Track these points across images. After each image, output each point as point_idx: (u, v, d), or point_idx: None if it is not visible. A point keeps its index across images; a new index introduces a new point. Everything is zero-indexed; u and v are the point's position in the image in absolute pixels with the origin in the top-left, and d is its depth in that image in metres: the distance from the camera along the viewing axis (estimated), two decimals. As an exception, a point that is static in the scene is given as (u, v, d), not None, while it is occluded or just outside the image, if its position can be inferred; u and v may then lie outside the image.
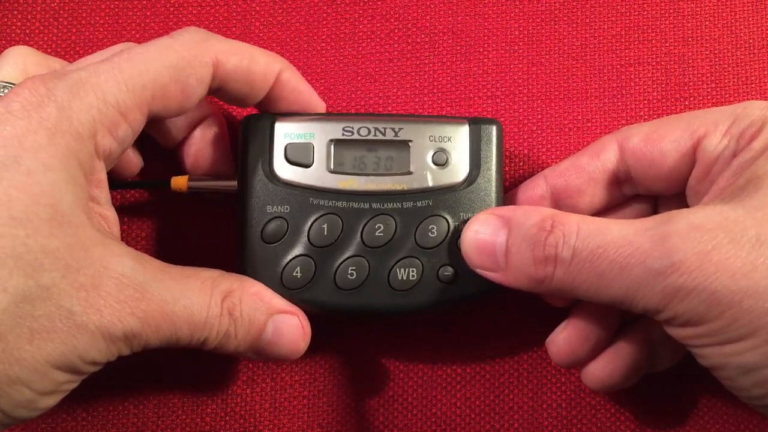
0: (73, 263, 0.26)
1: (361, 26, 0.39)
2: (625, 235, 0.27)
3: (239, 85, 0.31)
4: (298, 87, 0.33)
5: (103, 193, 0.30)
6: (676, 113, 0.38)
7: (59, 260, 0.25)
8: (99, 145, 0.28)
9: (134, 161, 0.35)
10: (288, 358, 0.31)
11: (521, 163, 0.38)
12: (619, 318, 0.33)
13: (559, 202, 0.33)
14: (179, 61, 0.29)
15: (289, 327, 0.31)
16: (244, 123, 0.33)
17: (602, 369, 0.32)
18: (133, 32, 0.39)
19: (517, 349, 0.37)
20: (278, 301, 0.31)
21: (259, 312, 0.30)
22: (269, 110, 0.34)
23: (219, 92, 0.32)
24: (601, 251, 0.27)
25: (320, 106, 0.34)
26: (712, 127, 0.30)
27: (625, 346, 0.32)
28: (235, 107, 0.37)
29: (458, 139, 0.33)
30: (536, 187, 0.33)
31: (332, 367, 0.36)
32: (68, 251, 0.26)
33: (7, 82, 0.32)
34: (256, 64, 0.31)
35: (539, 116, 0.38)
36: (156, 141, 0.35)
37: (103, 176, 0.29)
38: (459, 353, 0.37)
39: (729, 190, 0.28)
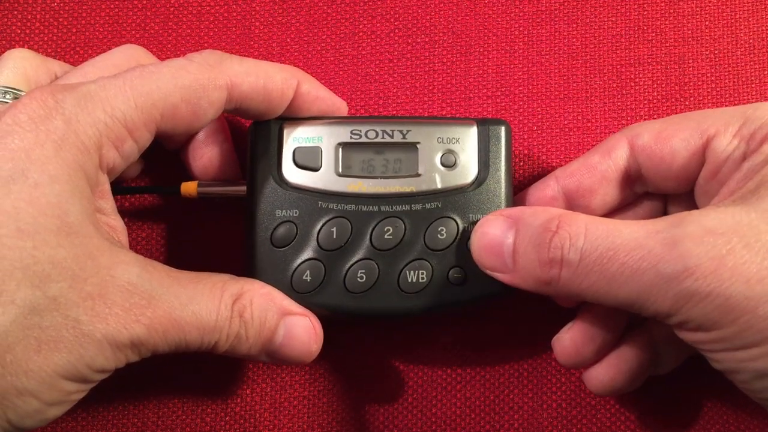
0: (79, 273, 0.26)
1: (361, 26, 0.39)
2: (636, 238, 0.26)
3: (257, 104, 0.31)
4: (319, 95, 0.33)
5: (109, 203, 0.30)
6: (677, 113, 0.38)
7: (66, 270, 0.25)
8: (104, 159, 0.28)
9: (134, 166, 0.35)
10: (301, 360, 0.31)
11: (521, 163, 0.38)
12: (627, 320, 0.33)
13: (572, 202, 0.33)
14: (192, 83, 0.29)
15: (301, 329, 0.31)
16: (253, 128, 0.33)
17: (606, 373, 0.32)
18: (133, 32, 0.39)
19: (517, 349, 0.37)
20: (289, 303, 0.31)
21: (270, 313, 0.30)
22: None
23: (237, 111, 0.32)
24: (611, 254, 0.27)
25: (343, 108, 0.34)
26: (722, 128, 0.30)
27: (628, 350, 0.32)
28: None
29: (466, 140, 0.33)
30: (547, 188, 0.33)
31: (332, 367, 0.36)
32: (75, 261, 0.26)
33: (7, 87, 0.32)
34: (272, 82, 0.31)
35: (539, 116, 0.38)
36: (159, 144, 0.35)
37: (107, 187, 0.30)
38: (459, 353, 0.37)
39: (740, 193, 0.28)
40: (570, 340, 0.32)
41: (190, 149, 0.34)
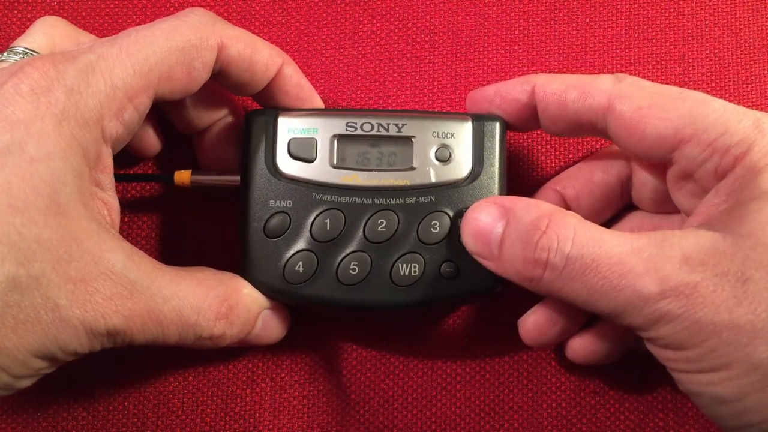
0: (64, 255, 0.26)
1: (361, 26, 0.39)
2: (619, 252, 0.27)
3: (239, 72, 0.31)
4: (300, 82, 0.33)
5: (108, 178, 0.30)
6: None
7: (51, 251, 0.26)
8: (106, 131, 0.28)
9: (154, 143, 0.35)
10: (268, 344, 0.33)
11: (520, 163, 0.38)
12: None
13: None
14: (185, 45, 0.29)
15: (275, 320, 0.33)
16: (248, 118, 0.33)
17: (584, 346, 0.33)
18: (133, 32, 0.39)
19: (517, 349, 0.37)
20: (264, 300, 0.32)
21: (252, 313, 0.31)
22: (270, 104, 0.34)
23: (219, 76, 0.32)
24: (594, 266, 0.27)
25: (318, 104, 0.34)
26: (698, 133, 0.29)
27: (608, 324, 0.33)
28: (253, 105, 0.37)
29: (461, 135, 0.33)
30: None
31: (332, 367, 0.36)
32: (60, 243, 0.26)
33: (30, 49, 0.31)
34: (258, 55, 0.31)
35: (539, 116, 0.38)
36: (174, 127, 0.35)
37: (110, 162, 0.29)
38: (459, 353, 0.37)
39: (717, 215, 0.28)
40: (533, 323, 0.32)
41: (204, 139, 0.35)
